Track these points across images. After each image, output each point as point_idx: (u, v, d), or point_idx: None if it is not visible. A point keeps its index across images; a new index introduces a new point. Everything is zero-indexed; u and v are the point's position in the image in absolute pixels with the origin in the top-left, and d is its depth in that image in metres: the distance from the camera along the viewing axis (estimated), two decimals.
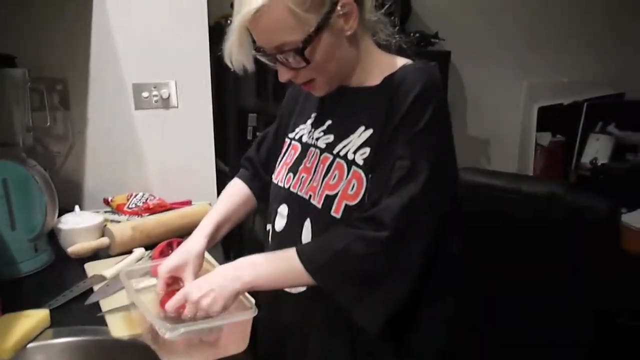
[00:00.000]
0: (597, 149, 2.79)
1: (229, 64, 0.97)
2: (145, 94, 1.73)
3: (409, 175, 0.89)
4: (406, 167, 0.90)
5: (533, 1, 2.86)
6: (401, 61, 1.00)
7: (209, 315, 0.88)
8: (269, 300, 1.04)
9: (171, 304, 0.90)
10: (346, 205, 0.94)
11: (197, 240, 1.08)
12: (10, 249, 1.24)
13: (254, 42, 0.94)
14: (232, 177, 2.01)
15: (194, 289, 0.90)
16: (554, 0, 2.88)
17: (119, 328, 1.01)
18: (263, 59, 0.97)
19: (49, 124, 1.60)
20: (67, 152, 1.71)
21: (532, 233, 1.48)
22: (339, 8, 0.90)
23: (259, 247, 0.97)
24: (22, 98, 1.40)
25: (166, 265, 1.02)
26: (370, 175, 0.93)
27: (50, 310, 1.05)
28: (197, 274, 1.03)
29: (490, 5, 2.82)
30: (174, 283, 1.03)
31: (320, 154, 1.02)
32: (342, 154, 0.98)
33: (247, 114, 2.28)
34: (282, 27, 0.88)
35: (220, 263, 1.07)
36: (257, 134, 2.25)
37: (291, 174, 1.07)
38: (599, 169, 2.71)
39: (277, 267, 0.94)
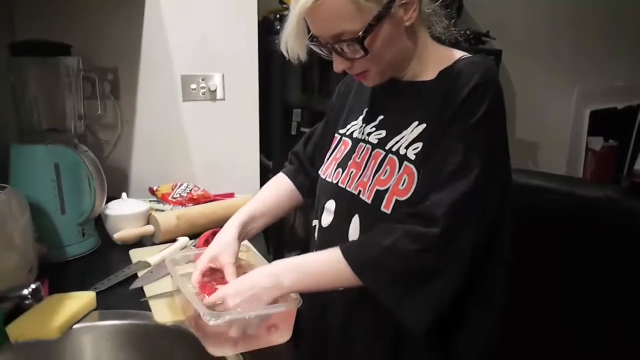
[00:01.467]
0: None
1: (284, 53, 0.96)
2: (193, 86, 1.75)
3: (461, 170, 0.86)
4: (458, 162, 0.87)
5: (586, 4, 2.77)
6: (457, 54, 0.98)
7: None
8: (313, 297, 1.02)
9: (208, 303, 0.89)
10: (396, 200, 0.92)
11: (228, 229, 1.07)
12: (59, 232, 1.27)
13: (309, 31, 0.93)
14: (274, 172, 2.02)
15: (231, 293, 0.88)
16: (607, 3, 2.79)
17: (162, 314, 1.01)
18: (317, 49, 0.96)
19: (100, 112, 1.63)
20: (116, 140, 1.74)
21: (585, 237, 1.43)
22: None
23: (299, 244, 0.95)
24: (75, 86, 1.43)
25: (204, 256, 1.02)
26: (421, 170, 0.91)
27: (96, 294, 1.06)
28: (235, 258, 1.02)
29: (542, 6, 2.75)
30: (212, 274, 1.03)
31: (372, 150, 1.00)
32: (394, 149, 0.96)
33: (292, 109, 2.29)
34: (342, 16, 0.86)
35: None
36: (302, 129, 2.25)
37: (340, 169, 1.06)
38: None
39: (318, 268, 0.92)
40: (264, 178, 1.92)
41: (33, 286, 0.71)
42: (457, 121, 0.88)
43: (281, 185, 1.22)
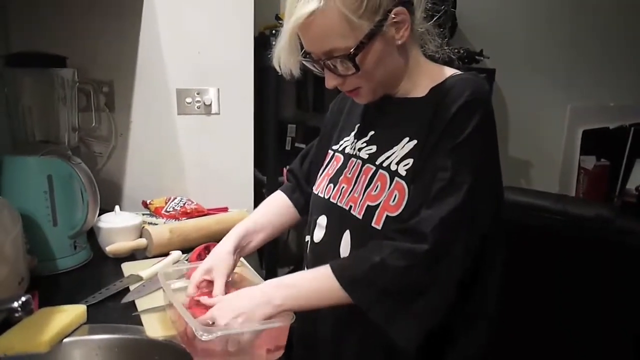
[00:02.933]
0: None
1: (277, 68, 0.97)
2: (188, 100, 1.75)
3: (450, 187, 0.87)
4: (447, 178, 0.87)
5: (580, 24, 2.82)
6: (449, 71, 0.99)
7: None
8: (304, 314, 1.01)
9: (200, 320, 0.88)
10: (387, 216, 0.92)
11: (224, 242, 1.08)
12: (50, 245, 1.26)
13: (302, 47, 0.93)
14: (269, 187, 2.02)
15: (222, 313, 0.88)
16: (601, 23, 2.84)
17: (154, 328, 1.00)
18: (310, 65, 0.96)
19: (94, 124, 1.63)
20: (110, 153, 1.73)
21: (577, 254, 1.44)
22: (392, 16, 0.89)
23: (291, 260, 0.95)
24: (69, 98, 1.43)
25: (198, 270, 1.02)
26: (412, 187, 0.91)
27: (87, 307, 1.05)
28: (228, 274, 1.02)
29: (536, 25, 2.79)
30: (207, 287, 1.02)
31: (363, 165, 1.00)
32: (385, 165, 0.96)
33: (287, 125, 2.29)
34: (334, 33, 0.87)
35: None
36: (296, 144, 2.25)
37: (332, 185, 1.06)
38: None
39: (309, 286, 0.92)
40: (258, 193, 1.92)
41: (23, 299, 0.70)
42: (446, 137, 0.89)
43: (278, 202, 1.23)
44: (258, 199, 1.70)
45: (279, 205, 1.23)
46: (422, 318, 0.87)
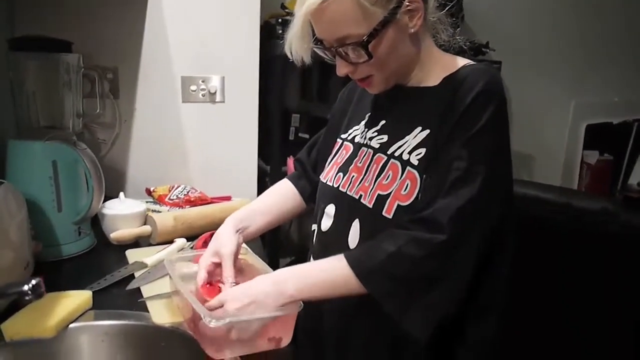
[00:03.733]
0: None
1: (289, 55, 0.96)
2: (193, 88, 1.74)
3: (466, 177, 0.86)
4: (463, 168, 0.86)
5: (585, 19, 2.81)
6: (462, 61, 0.98)
7: None
8: (309, 308, 1.01)
9: (209, 306, 0.88)
10: (398, 205, 0.91)
11: (224, 225, 1.08)
12: (54, 231, 1.25)
13: (313, 34, 0.92)
14: (272, 177, 2.01)
15: (232, 299, 0.87)
16: (607, 19, 2.82)
17: (160, 315, 1.00)
18: (321, 53, 0.95)
19: (98, 110, 1.62)
20: (113, 140, 1.72)
21: (581, 248, 1.44)
22: (406, 4, 0.88)
23: (294, 250, 0.94)
24: (74, 84, 1.42)
25: (205, 255, 1.02)
26: (424, 176, 0.90)
27: (92, 293, 1.04)
28: (235, 255, 1.02)
29: (542, 20, 2.78)
30: (215, 270, 1.02)
31: (374, 154, 0.99)
32: (396, 154, 0.95)
33: (291, 115, 2.28)
34: (347, 19, 0.86)
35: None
36: (300, 134, 2.24)
37: (341, 174, 1.05)
38: None
39: (322, 276, 0.90)
40: (262, 182, 1.91)
41: (33, 282, 0.69)
42: (461, 127, 0.88)
43: (283, 188, 1.22)
44: (261, 188, 1.69)
45: (283, 192, 1.22)
46: (437, 309, 0.86)
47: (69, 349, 0.96)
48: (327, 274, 0.90)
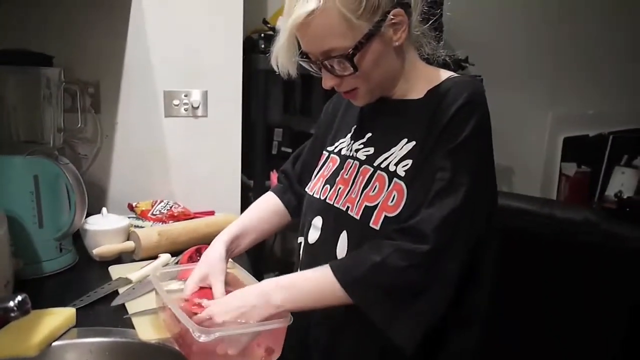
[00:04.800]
0: (623, 182, 2.76)
1: (275, 68, 0.97)
2: (175, 102, 1.73)
3: (450, 187, 0.87)
4: (446, 179, 0.88)
5: (562, 33, 2.87)
6: (445, 74, 0.99)
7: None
8: (295, 320, 1.00)
9: (196, 319, 0.87)
10: (385, 216, 0.91)
11: (215, 247, 1.06)
12: (35, 247, 1.22)
13: (299, 48, 0.93)
14: (255, 191, 2.00)
15: (219, 311, 0.87)
16: (582, 32, 2.89)
17: (146, 331, 0.98)
18: (307, 66, 0.96)
19: (80, 125, 1.60)
20: (95, 155, 1.70)
21: (564, 258, 1.46)
22: (391, 17, 0.89)
23: (277, 265, 0.94)
24: (55, 98, 1.40)
25: (192, 279, 1.01)
26: (410, 188, 0.91)
27: (76, 310, 1.02)
28: (224, 276, 1.00)
29: (518, 33, 2.83)
30: (200, 291, 1.00)
31: (360, 166, 1.00)
32: (383, 165, 0.96)
33: (274, 129, 2.28)
34: (333, 33, 0.87)
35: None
36: (283, 149, 2.24)
37: (328, 186, 1.05)
38: (624, 202, 2.67)
39: (308, 286, 0.91)
40: (245, 197, 1.90)
41: (19, 298, 0.67)
42: (445, 138, 0.89)
43: (269, 203, 1.21)
44: (245, 203, 1.68)
45: (269, 207, 1.21)
46: (422, 318, 0.87)
47: None
48: (313, 284, 0.90)
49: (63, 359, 0.94)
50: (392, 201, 0.92)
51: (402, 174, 0.92)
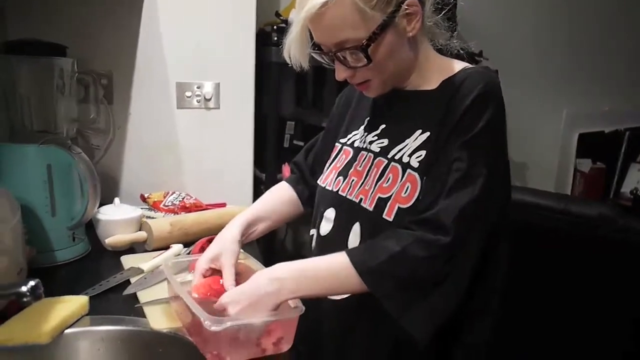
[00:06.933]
0: (639, 179, 2.72)
1: (287, 60, 0.96)
2: (188, 94, 1.73)
3: (467, 178, 0.86)
4: (463, 169, 0.86)
5: (577, 28, 2.83)
6: (459, 65, 0.98)
7: None
8: (309, 304, 1.00)
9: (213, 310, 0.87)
10: (399, 208, 0.91)
11: (230, 229, 1.06)
12: (48, 236, 1.23)
13: (312, 39, 0.92)
14: (267, 184, 2.00)
15: (231, 301, 0.86)
16: (598, 29, 2.86)
17: (158, 320, 0.98)
18: (319, 58, 0.95)
19: (92, 116, 1.60)
20: (107, 146, 1.70)
21: (579, 252, 1.45)
22: (405, 7, 0.88)
23: (288, 259, 0.93)
24: (68, 88, 1.40)
25: (203, 257, 1.01)
26: (425, 178, 0.90)
27: (88, 299, 1.02)
28: (235, 260, 1.00)
29: (533, 30, 2.80)
30: (212, 275, 1.00)
31: (374, 158, 0.99)
32: (397, 157, 0.95)
33: (286, 122, 2.27)
34: (346, 24, 0.86)
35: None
36: (295, 142, 2.24)
37: (341, 178, 1.05)
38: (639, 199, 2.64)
39: (323, 272, 0.90)
40: (257, 190, 1.90)
41: (32, 283, 0.67)
42: (460, 130, 0.88)
43: (283, 192, 1.21)
44: (257, 196, 1.67)
45: (283, 196, 1.21)
46: (437, 310, 0.86)
47: (65, 355, 0.93)
48: (328, 270, 0.89)
49: (75, 347, 0.94)
50: (405, 192, 0.91)
51: (416, 165, 0.91)
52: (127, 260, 1.27)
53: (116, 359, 0.95)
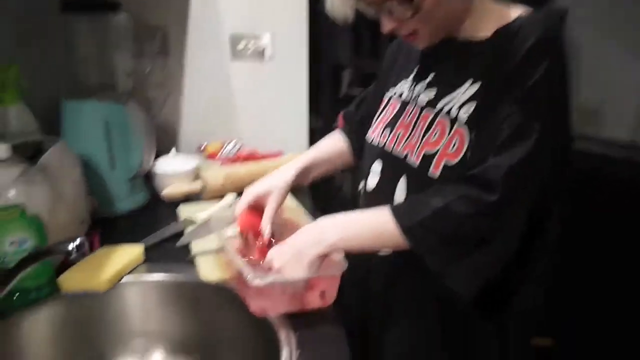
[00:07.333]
0: None
1: (330, 14, 0.92)
2: (241, 45, 1.72)
3: (519, 134, 0.81)
4: (516, 125, 0.81)
5: None
6: (517, 12, 0.91)
7: None
8: (356, 261, 0.99)
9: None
10: (445, 164, 0.87)
11: (284, 171, 1.08)
12: (109, 188, 1.29)
13: None
14: (323, 133, 1.99)
15: (276, 256, 0.88)
16: None
17: (207, 271, 1.02)
18: (364, 9, 0.91)
19: (148, 69, 1.64)
20: (164, 98, 1.74)
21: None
22: None
23: (346, 207, 0.92)
24: (124, 44, 1.43)
25: (250, 191, 1.04)
26: (474, 133, 0.86)
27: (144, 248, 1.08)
28: (281, 202, 1.02)
29: None
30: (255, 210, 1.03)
31: (421, 111, 0.95)
32: (445, 110, 0.91)
33: (342, 70, 2.23)
34: None
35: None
36: (351, 90, 2.21)
37: (387, 131, 1.02)
38: None
39: (365, 226, 0.89)
40: (313, 138, 1.90)
41: (77, 242, 0.72)
42: (514, 82, 0.82)
43: (337, 141, 1.22)
44: (312, 144, 1.67)
45: (337, 144, 1.21)
46: (482, 268, 0.84)
47: (121, 301, 0.99)
48: (371, 225, 0.88)
49: (131, 294, 1.00)
50: (452, 148, 0.87)
51: (465, 118, 0.87)
52: (184, 210, 1.32)
53: (167, 307, 1.00)
